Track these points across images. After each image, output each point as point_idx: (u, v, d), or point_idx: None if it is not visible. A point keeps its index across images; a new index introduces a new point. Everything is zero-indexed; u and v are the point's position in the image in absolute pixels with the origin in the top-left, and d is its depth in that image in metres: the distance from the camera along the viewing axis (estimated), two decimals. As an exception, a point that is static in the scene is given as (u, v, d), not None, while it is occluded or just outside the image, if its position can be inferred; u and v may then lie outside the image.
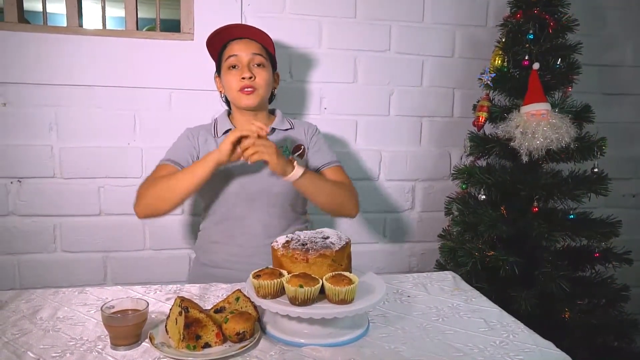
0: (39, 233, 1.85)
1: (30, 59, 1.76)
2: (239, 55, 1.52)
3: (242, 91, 1.51)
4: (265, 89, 1.54)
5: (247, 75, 1.49)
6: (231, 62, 1.52)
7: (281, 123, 1.63)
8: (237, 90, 1.51)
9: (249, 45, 1.53)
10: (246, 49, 1.52)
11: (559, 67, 1.72)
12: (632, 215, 2.26)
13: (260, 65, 1.53)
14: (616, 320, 1.75)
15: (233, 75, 1.52)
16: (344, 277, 1.02)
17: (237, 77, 1.51)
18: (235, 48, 1.53)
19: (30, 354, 0.97)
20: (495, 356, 1.00)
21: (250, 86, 1.50)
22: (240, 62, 1.52)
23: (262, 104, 1.59)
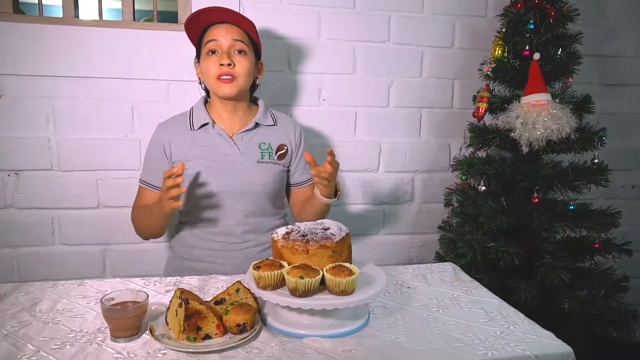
0: (37, 226, 1.85)
1: (26, 51, 1.74)
2: (218, 40, 1.45)
3: (220, 79, 1.44)
4: (245, 78, 1.48)
5: (226, 62, 1.43)
6: (210, 46, 1.46)
7: (264, 117, 1.57)
8: (215, 78, 1.45)
9: (229, 30, 1.46)
10: (226, 34, 1.45)
11: (560, 57, 1.72)
12: (632, 206, 2.26)
13: (242, 52, 1.46)
14: (615, 311, 1.76)
15: (212, 61, 1.45)
16: (344, 268, 1.02)
17: (216, 64, 1.44)
18: (215, 32, 1.46)
19: (30, 346, 0.97)
20: (495, 346, 1.00)
21: (229, 74, 1.44)
22: (219, 47, 1.45)
23: (242, 94, 1.52)
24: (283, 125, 1.61)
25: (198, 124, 1.53)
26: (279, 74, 1.94)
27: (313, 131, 1.99)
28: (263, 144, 1.55)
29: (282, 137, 1.58)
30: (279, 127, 1.59)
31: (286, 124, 1.62)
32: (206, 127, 1.53)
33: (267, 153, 1.55)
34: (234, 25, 1.48)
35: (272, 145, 1.56)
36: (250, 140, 1.54)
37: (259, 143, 1.55)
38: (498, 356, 0.97)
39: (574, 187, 1.68)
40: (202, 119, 1.53)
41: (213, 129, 1.52)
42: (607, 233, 1.75)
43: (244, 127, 1.54)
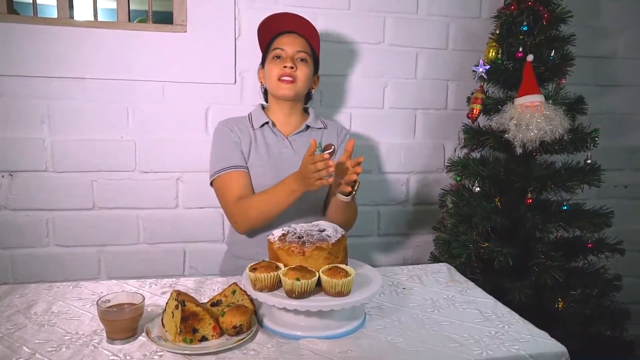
0: (32, 227, 1.84)
1: (20, 51, 1.73)
2: (284, 49, 1.56)
3: (281, 80, 1.54)
4: (304, 82, 1.57)
5: (289, 65, 1.53)
6: (276, 53, 1.57)
7: (314, 122, 1.66)
8: (276, 78, 1.55)
9: (295, 41, 1.57)
10: (292, 44, 1.56)
11: (553, 58, 1.73)
12: (624, 205, 2.28)
13: (303, 60, 1.57)
14: (609, 310, 1.77)
15: (275, 64, 1.56)
16: (340, 270, 1.02)
17: (279, 66, 1.55)
18: (282, 42, 1.57)
19: (26, 348, 0.97)
20: (490, 346, 1.01)
21: (290, 75, 1.54)
22: (284, 54, 1.56)
23: (299, 98, 1.62)
24: (332, 129, 1.69)
25: (258, 124, 1.60)
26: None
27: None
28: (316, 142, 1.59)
29: (331, 138, 1.67)
30: (328, 130, 1.68)
31: (335, 127, 1.71)
32: (265, 127, 1.61)
33: (317, 151, 1.57)
34: (300, 37, 1.59)
35: (321, 145, 1.62)
36: (302, 141, 1.61)
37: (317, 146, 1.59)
38: (493, 356, 0.98)
39: (567, 187, 1.70)
40: (262, 119, 1.61)
41: (271, 129, 1.61)
42: (600, 233, 1.76)
43: (297, 129, 1.62)
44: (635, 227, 2.33)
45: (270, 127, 1.61)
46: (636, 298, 2.33)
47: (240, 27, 1.89)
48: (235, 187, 1.51)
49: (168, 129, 1.88)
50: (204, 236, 1.97)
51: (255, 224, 1.50)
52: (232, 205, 1.51)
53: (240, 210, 1.49)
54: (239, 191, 1.50)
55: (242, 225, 1.52)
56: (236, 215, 1.51)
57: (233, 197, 1.50)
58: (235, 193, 1.50)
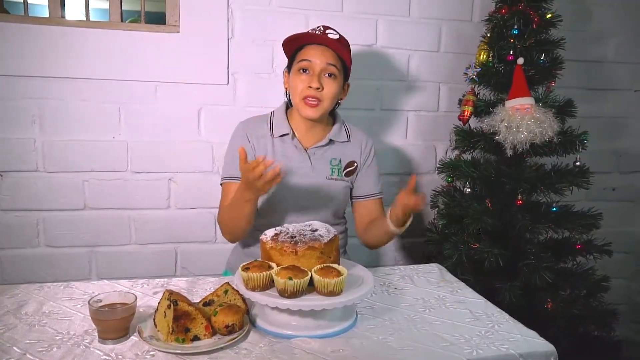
0: (22, 227, 1.82)
1: (10, 50, 1.72)
2: (312, 62, 1.43)
3: (306, 100, 1.43)
4: (330, 102, 1.46)
5: (315, 86, 1.42)
6: (303, 65, 1.44)
7: (338, 134, 1.56)
8: (301, 98, 1.44)
9: (325, 54, 1.44)
10: (321, 57, 1.43)
11: (543, 62, 1.75)
12: (612, 208, 2.30)
13: (332, 75, 1.45)
14: (597, 310, 1.80)
15: (302, 80, 1.44)
16: (332, 269, 1.03)
17: (305, 84, 1.43)
18: (311, 53, 1.44)
19: (16, 349, 0.96)
20: (481, 345, 1.02)
21: (315, 97, 1.43)
22: (312, 68, 1.43)
23: (323, 116, 1.51)
24: (356, 141, 1.59)
25: (278, 133, 1.51)
26: (266, 76, 1.95)
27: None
28: (334, 160, 1.54)
29: (354, 154, 1.58)
30: (351, 144, 1.58)
31: (359, 139, 1.60)
32: (285, 137, 1.52)
33: (337, 169, 1.54)
34: (329, 49, 1.45)
35: (342, 161, 1.55)
36: (322, 156, 1.53)
37: (330, 159, 1.54)
38: (483, 355, 0.99)
39: (556, 189, 1.72)
40: (283, 129, 1.51)
41: (291, 141, 1.51)
42: (588, 234, 1.79)
43: (318, 143, 1.53)
44: (622, 229, 2.36)
45: (290, 138, 1.51)
46: (623, 299, 2.37)
47: (233, 28, 1.89)
48: (228, 197, 1.47)
49: (160, 129, 1.88)
50: (196, 237, 1.97)
51: (231, 233, 1.48)
52: (219, 214, 1.51)
53: (222, 219, 1.49)
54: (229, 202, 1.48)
55: (223, 233, 1.51)
56: (220, 223, 1.51)
57: (222, 207, 1.50)
58: (225, 204, 1.48)
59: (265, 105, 1.92)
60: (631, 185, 2.41)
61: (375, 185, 1.61)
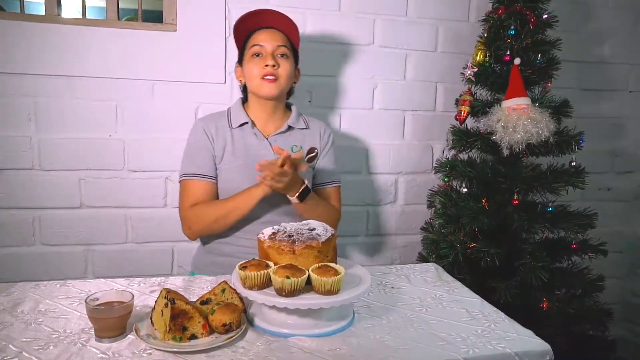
0: (18, 226, 1.82)
1: (7, 48, 1.71)
2: (263, 46, 1.50)
3: (264, 79, 1.49)
4: (286, 80, 1.53)
5: (271, 63, 1.48)
6: (255, 50, 1.51)
7: (297, 121, 1.61)
8: (259, 78, 1.50)
9: (274, 36, 1.52)
10: (272, 40, 1.51)
11: (539, 62, 1.76)
12: (607, 208, 2.32)
13: (284, 56, 1.52)
14: (592, 310, 1.81)
15: (256, 62, 1.51)
16: (330, 268, 1.03)
17: (260, 65, 1.49)
18: (261, 38, 1.52)
19: (12, 347, 0.96)
20: (477, 344, 1.02)
21: (272, 74, 1.49)
22: (264, 51, 1.51)
23: (281, 96, 1.58)
24: (315, 129, 1.64)
25: (237, 123, 1.56)
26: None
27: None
28: (295, 147, 1.58)
29: (313, 141, 1.63)
30: (310, 131, 1.63)
31: (317, 127, 1.66)
32: (244, 126, 1.56)
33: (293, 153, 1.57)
34: (278, 31, 1.54)
35: (303, 147, 1.60)
36: (283, 143, 1.56)
37: (291, 146, 1.57)
38: (479, 354, 0.99)
39: (552, 189, 1.72)
40: (241, 118, 1.56)
41: (250, 129, 1.56)
42: (584, 234, 1.79)
43: (278, 130, 1.58)
44: (617, 229, 2.38)
45: (249, 127, 1.56)
46: (617, 298, 2.39)
47: (231, 27, 1.86)
48: (193, 194, 1.51)
49: (157, 128, 1.87)
50: (193, 236, 1.96)
51: (209, 230, 1.51)
52: (185, 211, 1.51)
53: (195, 215, 1.49)
54: (196, 198, 1.50)
55: (194, 231, 1.52)
56: (189, 220, 1.51)
57: (189, 204, 1.51)
58: (191, 200, 1.51)
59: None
60: (626, 186, 2.43)
61: (333, 173, 1.65)
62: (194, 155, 1.55)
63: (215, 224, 1.49)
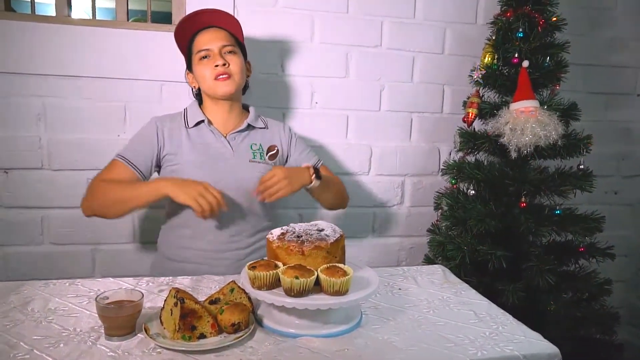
0: (26, 225, 1.83)
1: (17, 49, 1.73)
2: (208, 47, 1.50)
3: (217, 79, 1.49)
4: (240, 75, 1.52)
5: (221, 62, 1.48)
6: (201, 54, 1.50)
7: (255, 120, 1.61)
8: (212, 79, 1.49)
9: (217, 36, 1.51)
10: (215, 40, 1.50)
11: (548, 65, 1.75)
12: (614, 211, 2.31)
13: (232, 52, 1.52)
14: (599, 313, 1.80)
15: (205, 65, 1.50)
16: (338, 269, 1.03)
17: (211, 66, 1.49)
18: (204, 40, 1.51)
19: (23, 344, 0.97)
20: (485, 346, 1.02)
21: (224, 72, 1.48)
22: (210, 53, 1.50)
23: (238, 93, 1.57)
24: (273, 128, 1.65)
25: (193, 122, 1.55)
26: (272, 76, 1.96)
27: (305, 134, 2.00)
28: (254, 145, 1.58)
29: (273, 139, 1.63)
30: (269, 130, 1.64)
31: (276, 126, 1.67)
32: (200, 125, 1.55)
33: (259, 153, 1.58)
34: (220, 29, 1.53)
35: (262, 146, 1.60)
36: (242, 141, 1.57)
37: (250, 144, 1.58)
38: (487, 356, 0.99)
39: (560, 192, 1.72)
40: (197, 117, 1.55)
41: (207, 127, 1.55)
42: (591, 237, 1.79)
43: (236, 128, 1.58)
44: (624, 232, 2.37)
45: (206, 125, 1.54)
46: (623, 302, 2.37)
47: (239, 28, 1.89)
48: (114, 173, 1.47)
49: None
50: (200, 236, 1.97)
51: (101, 209, 1.44)
52: (96, 181, 1.46)
53: (96, 189, 1.44)
54: (113, 178, 1.46)
55: (88, 204, 1.45)
56: (94, 190, 1.45)
57: (102, 177, 1.47)
58: (108, 177, 1.46)
59: (271, 105, 1.93)
60: (633, 189, 2.42)
61: (312, 155, 1.68)
62: (135, 144, 1.53)
63: (108, 205, 1.43)
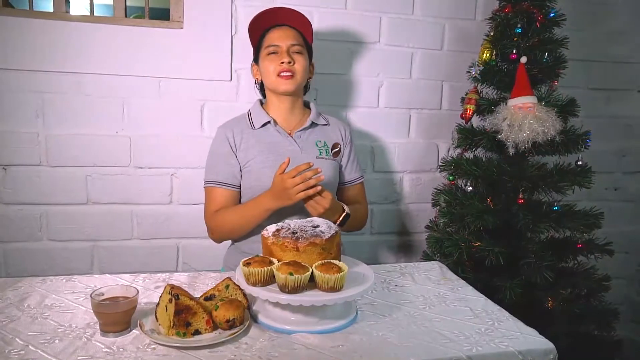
0: (25, 221, 1.83)
1: (15, 45, 1.73)
2: (278, 44, 1.53)
3: (280, 76, 1.51)
4: (302, 75, 1.55)
5: (287, 60, 1.50)
6: (270, 49, 1.53)
7: (317, 118, 1.63)
8: (275, 75, 1.52)
9: (288, 34, 1.54)
10: (286, 38, 1.53)
11: (546, 61, 1.75)
12: (614, 207, 2.31)
13: (299, 52, 1.54)
14: (597, 310, 1.80)
15: (271, 60, 1.53)
16: (333, 265, 1.03)
17: (276, 62, 1.52)
18: (275, 36, 1.54)
19: (19, 340, 0.97)
20: (480, 343, 1.02)
21: (289, 70, 1.51)
22: (279, 49, 1.53)
23: (299, 92, 1.59)
24: (335, 126, 1.67)
25: (259, 123, 1.56)
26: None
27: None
28: (319, 142, 1.60)
29: (335, 136, 1.65)
30: (331, 127, 1.65)
31: (338, 124, 1.68)
32: (267, 126, 1.57)
33: (324, 150, 1.60)
34: (292, 29, 1.56)
35: (327, 143, 1.61)
36: (308, 138, 1.59)
37: (315, 141, 1.59)
38: (483, 352, 0.99)
39: (558, 188, 1.72)
40: (263, 119, 1.57)
41: (273, 127, 1.57)
42: (589, 234, 1.78)
43: (301, 126, 1.59)
44: (623, 229, 2.36)
45: (272, 125, 1.56)
46: (624, 299, 2.37)
47: (237, 25, 1.89)
48: (214, 201, 1.53)
49: (163, 125, 1.89)
50: (198, 232, 1.97)
51: (230, 236, 1.57)
52: (209, 217, 1.54)
53: (216, 223, 1.53)
54: (217, 205, 1.53)
55: (217, 236, 1.56)
56: (212, 227, 1.54)
57: (212, 210, 1.53)
58: (213, 207, 1.53)
59: (268, 102, 1.93)
60: (633, 186, 2.41)
61: (357, 168, 1.69)
62: (215, 163, 1.56)
63: (234, 232, 1.53)
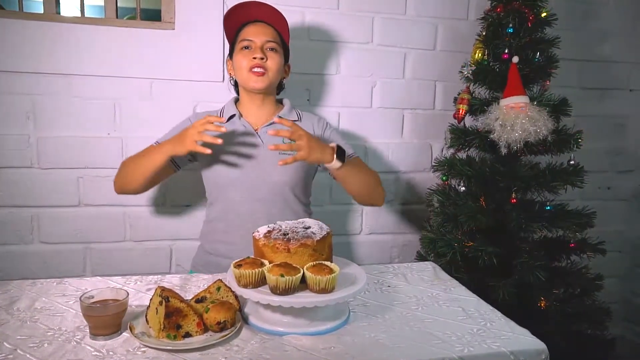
0: (16, 224, 1.82)
1: (5, 46, 1.71)
2: (253, 40, 1.52)
3: (252, 71, 1.50)
4: (275, 73, 1.54)
5: (259, 56, 1.49)
6: (244, 43, 1.53)
7: (289, 113, 1.62)
8: (247, 70, 1.51)
9: (264, 31, 1.53)
10: (261, 34, 1.52)
11: (538, 60, 1.75)
12: (607, 207, 2.32)
13: (273, 50, 1.53)
14: (590, 309, 1.80)
15: (244, 54, 1.52)
16: (325, 267, 1.03)
17: (249, 57, 1.51)
18: (250, 32, 1.53)
19: (7, 344, 0.96)
20: (472, 343, 1.02)
21: (260, 66, 1.50)
22: (253, 44, 1.52)
23: (271, 89, 1.58)
24: (308, 120, 1.64)
25: (226, 116, 1.57)
26: (263, 73, 1.94)
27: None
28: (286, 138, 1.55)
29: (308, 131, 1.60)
30: (302, 123, 1.60)
31: (311, 118, 1.66)
32: (233, 119, 1.57)
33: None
34: (269, 26, 1.55)
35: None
36: None
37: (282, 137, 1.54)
38: (474, 352, 0.99)
39: (551, 187, 1.72)
40: (231, 112, 1.58)
41: (239, 121, 1.57)
42: (582, 233, 1.79)
43: (268, 121, 1.58)
44: (616, 228, 2.37)
45: (237, 119, 1.57)
46: (617, 298, 2.38)
47: (229, 25, 1.88)
48: None
49: (155, 126, 1.86)
50: (191, 234, 1.96)
51: (125, 179, 1.54)
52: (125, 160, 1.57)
53: (120, 167, 1.56)
54: None
55: (116, 180, 1.57)
56: (119, 170, 1.57)
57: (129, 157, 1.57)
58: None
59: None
60: (626, 185, 2.42)
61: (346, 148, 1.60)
62: (167, 134, 1.59)
63: (128, 175, 1.52)
